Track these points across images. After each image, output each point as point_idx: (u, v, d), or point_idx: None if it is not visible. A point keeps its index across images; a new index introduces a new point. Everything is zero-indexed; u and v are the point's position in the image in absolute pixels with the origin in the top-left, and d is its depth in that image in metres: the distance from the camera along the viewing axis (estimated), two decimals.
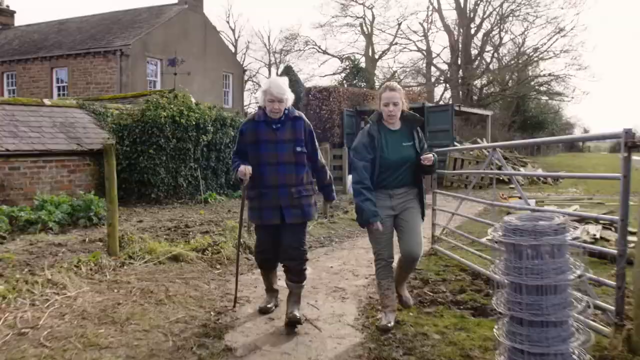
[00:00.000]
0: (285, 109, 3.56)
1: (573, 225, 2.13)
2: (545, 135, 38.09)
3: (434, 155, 3.44)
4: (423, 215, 3.59)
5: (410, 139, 3.52)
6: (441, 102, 29.87)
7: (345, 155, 13.62)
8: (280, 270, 3.81)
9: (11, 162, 9.25)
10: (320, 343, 3.27)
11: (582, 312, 2.21)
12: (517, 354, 2.13)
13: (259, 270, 4.02)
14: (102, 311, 3.64)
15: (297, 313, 3.50)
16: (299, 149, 3.56)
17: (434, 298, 4.03)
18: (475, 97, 29.93)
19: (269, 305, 3.82)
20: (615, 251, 2.84)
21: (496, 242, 2.17)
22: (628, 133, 2.77)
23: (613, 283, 2.89)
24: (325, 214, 8.35)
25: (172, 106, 10.34)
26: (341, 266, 5.35)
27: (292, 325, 3.45)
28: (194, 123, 10.42)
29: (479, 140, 18.24)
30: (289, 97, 3.56)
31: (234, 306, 3.87)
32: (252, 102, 35.93)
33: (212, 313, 3.75)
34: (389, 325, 3.37)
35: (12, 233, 6.18)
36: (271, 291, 3.92)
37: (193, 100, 11.50)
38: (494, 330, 2.29)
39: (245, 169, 3.47)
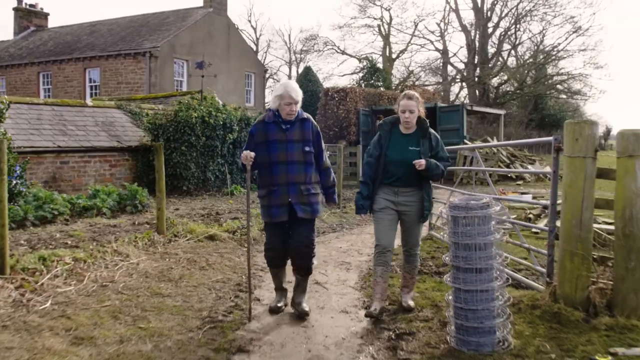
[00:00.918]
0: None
1: (495, 204, 3.09)
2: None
3: (429, 163, 3.56)
4: (426, 216, 3.79)
5: (418, 144, 3.69)
6: (457, 101, 30.50)
7: (360, 152, 14.59)
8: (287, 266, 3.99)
9: (62, 157, 10.49)
10: (327, 297, 4.29)
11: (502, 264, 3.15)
12: (457, 293, 3.10)
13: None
14: (160, 273, 4.72)
15: (305, 306, 3.79)
16: (307, 148, 3.72)
17: (421, 269, 4.98)
18: (491, 96, 30.45)
19: (279, 305, 3.89)
20: (547, 228, 3.77)
21: (445, 216, 3.14)
22: (556, 139, 3.71)
23: (546, 252, 3.83)
24: (339, 205, 9.34)
25: (202, 107, 11.45)
26: (349, 247, 6.35)
27: (301, 317, 3.72)
28: (221, 123, 11.51)
29: (488, 138, 18.94)
30: (301, 100, 3.77)
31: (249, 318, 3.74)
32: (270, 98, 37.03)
33: (243, 277, 4.79)
34: (374, 312, 3.63)
35: (72, 217, 7.33)
36: (281, 290, 3.97)
37: (220, 101, 12.60)
38: (444, 277, 3.27)
39: (247, 154, 3.62)
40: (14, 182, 7.97)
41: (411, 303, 3.84)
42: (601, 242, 4.88)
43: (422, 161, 3.55)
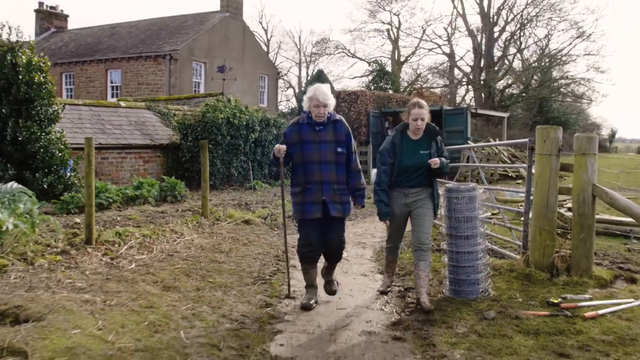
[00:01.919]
0: (328, 112, 3.91)
1: (479, 189, 4.14)
2: (568, 135, 39.13)
3: (442, 161, 3.92)
4: (435, 211, 4.09)
5: (428, 147, 3.99)
6: (463, 103, 31.44)
7: (370, 152, 15.66)
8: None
9: (102, 153, 11.63)
10: (349, 266, 5.36)
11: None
12: (451, 254, 4.13)
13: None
14: (212, 246, 5.81)
15: (334, 285, 4.21)
16: (339, 149, 3.88)
17: None
18: (496, 99, 31.36)
19: (311, 302, 3.99)
20: (522, 209, 4.82)
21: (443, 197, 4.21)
22: (531, 140, 4.75)
23: (521, 228, 4.88)
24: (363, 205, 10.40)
25: (227, 109, 12.56)
26: (363, 231, 7.41)
27: (330, 294, 4.17)
28: (244, 123, 12.62)
29: (491, 139, 19.89)
30: (332, 103, 3.92)
31: (288, 294, 4.29)
32: (281, 99, 38.30)
33: (279, 251, 5.86)
34: (387, 289, 4.34)
35: (123, 204, 8.44)
36: (312, 287, 4.10)
37: (242, 104, 13.71)
38: (442, 244, 4.32)
39: (280, 147, 3.80)
40: (68, 174, 9.11)
41: (429, 304, 3.86)
42: (563, 221, 5.90)
43: (437, 159, 3.90)
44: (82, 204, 7.87)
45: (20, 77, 8.65)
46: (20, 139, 8.57)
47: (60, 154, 8.98)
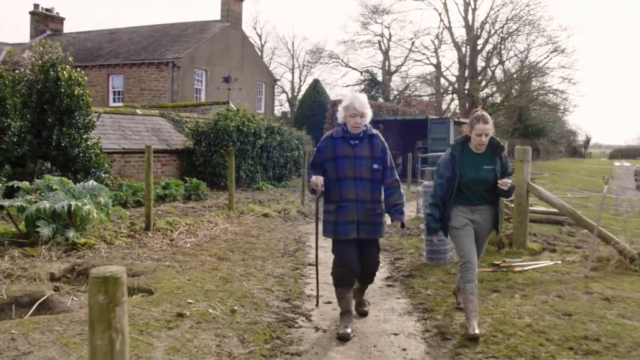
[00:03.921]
0: (364, 125, 3.72)
1: None
2: (546, 141, 41.39)
3: (511, 183, 3.68)
4: (497, 231, 3.97)
5: (492, 163, 3.74)
6: (448, 111, 33.37)
7: None
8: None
9: (126, 157, 13.11)
10: None
11: None
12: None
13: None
14: (243, 233, 7.38)
15: (366, 307, 4.18)
16: (375, 166, 3.66)
17: (409, 233, 7.67)
18: (479, 107, 33.30)
19: (348, 331, 3.69)
20: None
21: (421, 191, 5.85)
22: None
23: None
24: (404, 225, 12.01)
25: (237, 118, 14.12)
26: None
27: (361, 315, 4.11)
28: (252, 131, 14.18)
29: None
30: (369, 113, 3.72)
31: (317, 304, 4.39)
32: (275, 105, 39.84)
33: (296, 235, 7.45)
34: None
35: (155, 202, 9.96)
36: (348, 314, 3.82)
37: (249, 113, 15.27)
38: (420, 225, 5.95)
39: (317, 179, 3.58)
40: (103, 176, 10.60)
41: (477, 331, 3.53)
42: (508, 209, 7.58)
43: (508, 181, 3.63)
44: (124, 200, 9.40)
45: (62, 90, 10.10)
46: (63, 144, 10.04)
47: (96, 158, 10.47)
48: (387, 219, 3.90)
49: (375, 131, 3.83)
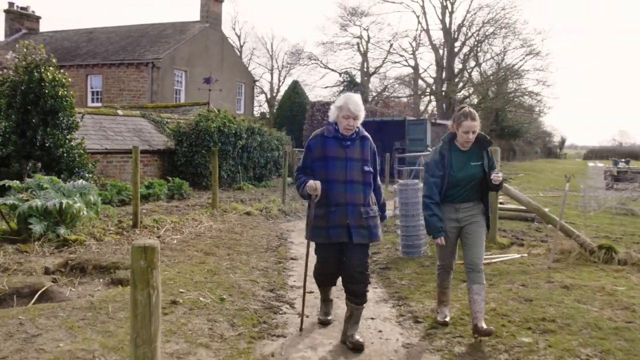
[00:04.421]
0: (356, 127, 3.57)
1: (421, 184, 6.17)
2: (522, 142, 42.55)
3: (502, 176, 3.62)
4: (488, 227, 3.82)
5: (479, 158, 3.67)
6: (426, 113, 34.08)
7: None
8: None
9: (108, 157, 13.19)
10: None
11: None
12: (402, 228, 6.14)
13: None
14: (227, 230, 7.65)
15: (359, 338, 3.57)
16: (366, 168, 3.57)
17: (387, 230, 8.05)
18: (456, 109, 34.07)
19: (328, 317, 3.89)
20: None
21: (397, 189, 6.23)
22: None
23: None
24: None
25: (218, 119, 14.32)
26: None
27: (357, 350, 3.48)
28: (233, 132, 14.41)
29: None
30: (363, 115, 3.59)
31: (301, 329, 3.87)
32: (254, 105, 40.01)
33: (278, 232, 7.76)
34: (445, 319, 3.91)
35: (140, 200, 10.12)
36: (327, 301, 3.95)
37: (230, 114, 15.49)
38: (397, 222, 6.33)
39: (315, 184, 3.46)
40: (87, 176, 10.71)
41: (487, 328, 3.58)
42: None
43: (500, 176, 3.60)
44: (109, 199, 9.54)
45: (46, 91, 10.18)
46: (47, 144, 10.12)
47: (80, 158, 10.57)
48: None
49: (366, 133, 3.71)
